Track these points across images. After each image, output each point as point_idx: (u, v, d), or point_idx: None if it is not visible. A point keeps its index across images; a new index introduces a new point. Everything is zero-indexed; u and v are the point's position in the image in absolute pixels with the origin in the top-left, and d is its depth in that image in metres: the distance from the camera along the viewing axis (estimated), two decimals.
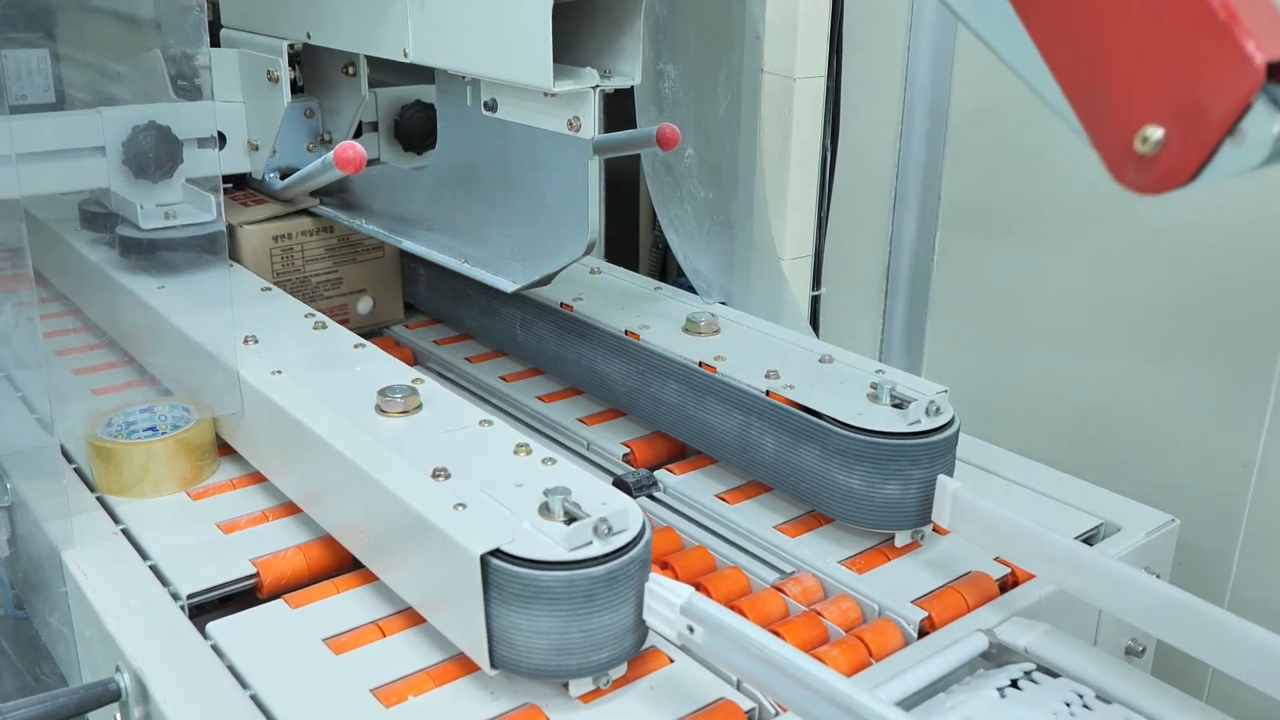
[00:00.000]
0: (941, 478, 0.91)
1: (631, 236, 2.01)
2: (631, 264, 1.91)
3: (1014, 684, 0.76)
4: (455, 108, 1.17)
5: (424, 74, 1.18)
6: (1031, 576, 0.91)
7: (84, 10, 1.24)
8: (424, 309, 1.48)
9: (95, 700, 0.79)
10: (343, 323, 1.22)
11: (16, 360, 1.08)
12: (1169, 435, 1.23)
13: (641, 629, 0.76)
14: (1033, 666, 0.79)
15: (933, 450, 0.91)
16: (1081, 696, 0.75)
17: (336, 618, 0.84)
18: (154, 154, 1.21)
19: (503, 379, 1.28)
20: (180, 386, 1.11)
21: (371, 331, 1.43)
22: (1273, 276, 1.12)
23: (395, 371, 1.01)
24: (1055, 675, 0.78)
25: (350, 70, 1.31)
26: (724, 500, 1.03)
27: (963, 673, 0.81)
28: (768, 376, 1.00)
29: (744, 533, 0.98)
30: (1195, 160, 0.48)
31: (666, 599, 0.73)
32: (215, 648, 0.81)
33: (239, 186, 1.42)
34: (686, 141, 1.45)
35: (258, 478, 1.04)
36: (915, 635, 0.85)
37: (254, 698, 0.76)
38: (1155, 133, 0.49)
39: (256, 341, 1.07)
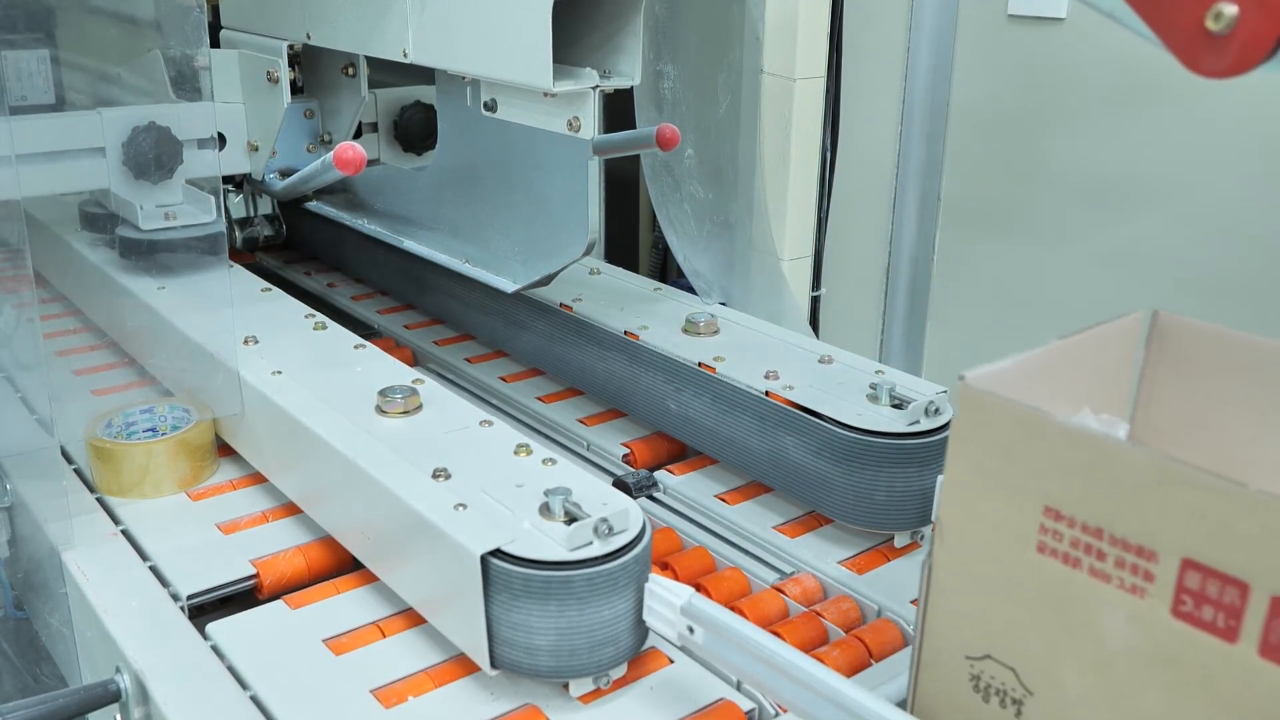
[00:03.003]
0: (941, 478, 0.91)
1: (631, 236, 2.01)
2: (631, 264, 1.91)
3: None
4: (455, 108, 1.17)
5: (424, 74, 1.18)
6: None
7: (84, 11, 1.24)
8: None
9: (95, 701, 0.79)
10: None
11: (17, 361, 1.08)
12: None
13: (642, 629, 0.76)
14: None
15: (932, 450, 0.91)
16: None
17: (336, 618, 0.84)
18: (154, 155, 1.21)
19: (503, 379, 1.28)
20: (180, 387, 1.11)
21: (372, 332, 1.43)
22: (1274, 275, 1.12)
23: (395, 372, 1.01)
24: None
25: (350, 71, 1.31)
26: (724, 501, 1.03)
27: None
28: (767, 377, 1.00)
29: (744, 533, 0.98)
30: (1275, 30, 0.45)
31: (666, 599, 0.73)
32: (215, 648, 0.81)
33: None
34: (686, 142, 1.45)
35: (258, 478, 1.04)
36: None
37: (254, 698, 0.76)
38: (1228, 8, 0.46)
39: (257, 342, 1.07)
